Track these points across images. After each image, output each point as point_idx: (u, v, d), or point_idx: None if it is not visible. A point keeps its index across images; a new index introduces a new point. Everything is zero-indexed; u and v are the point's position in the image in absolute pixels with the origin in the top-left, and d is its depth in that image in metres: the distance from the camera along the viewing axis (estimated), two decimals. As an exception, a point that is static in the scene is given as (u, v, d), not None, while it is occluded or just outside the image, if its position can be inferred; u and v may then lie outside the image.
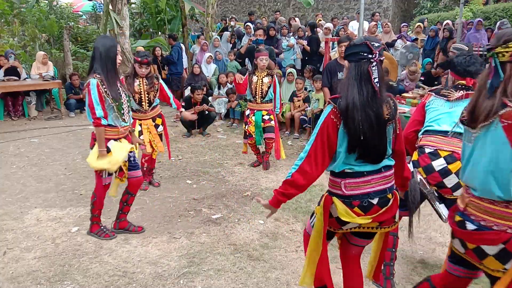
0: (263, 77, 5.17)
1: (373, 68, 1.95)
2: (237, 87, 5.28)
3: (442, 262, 3.25)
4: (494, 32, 8.48)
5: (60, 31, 11.26)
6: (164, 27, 12.32)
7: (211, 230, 3.71)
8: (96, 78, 3.14)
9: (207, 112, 7.17)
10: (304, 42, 8.36)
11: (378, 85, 1.95)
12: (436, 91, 2.91)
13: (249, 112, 5.35)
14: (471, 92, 2.76)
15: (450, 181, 2.68)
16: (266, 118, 5.26)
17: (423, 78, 7.57)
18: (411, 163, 2.85)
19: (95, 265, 3.13)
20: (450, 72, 2.92)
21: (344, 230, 2.20)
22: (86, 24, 15.69)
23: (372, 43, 1.98)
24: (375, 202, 2.05)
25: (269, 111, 5.28)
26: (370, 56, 1.96)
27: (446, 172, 2.69)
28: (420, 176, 2.73)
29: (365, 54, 1.97)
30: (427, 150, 2.75)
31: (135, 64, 4.36)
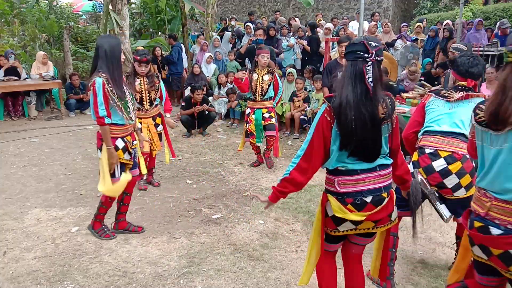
0: (263, 74, 5.16)
1: (368, 67, 1.95)
2: (239, 86, 5.23)
3: (442, 262, 3.26)
4: (494, 32, 8.48)
5: (60, 31, 11.26)
6: (164, 27, 12.30)
7: (211, 230, 3.71)
8: (101, 77, 3.10)
9: (207, 112, 7.17)
10: (304, 42, 8.36)
11: (372, 84, 1.95)
12: (436, 91, 2.92)
13: (249, 110, 5.34)
14: (470, 93, 2.76)
15: (451, 181, 2.68)
16: (267, 115, 5.25)
17: (423, 78, 7.55)
18: (411, 163, 2.85)
19: (95, 265, 3.13)
20: (452, 72, 2.92)
21: (341, 233, 2.18)
22: (86, 24, 15.69)
23: (369, 42, 1.98)
24: (368, 200, 2.06)
25: (269, 108, 5.28)
26: (366, 55, 1.96)
27: (446, 173, 2.69)
28: (421, 177, 2.73)
29: (361, 53, 1.98)
30: (427, 151, 2.76)
31: (134, 63, 4.36)
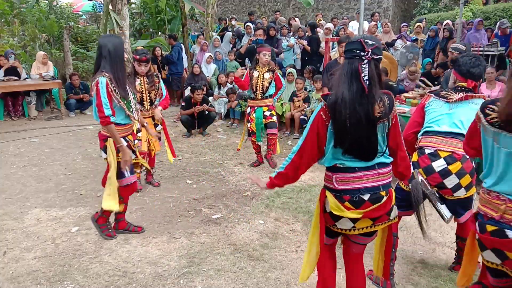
0: (264, 72, 5.14)
1: (363, 65, 1.97)
2: (239, 84, 5.21)
3: (442, 262, 3.26)
4: (494, 32, 8.47)
5: (60, 31, 11.25)
6: (164, 27, 12.30)
7: (211, 230, 3.71)
8: (105, 76, 3.08)
9: (207, 112, 7.17)
10: (305, 42, 8.37)
11: (368, 82, 1.95)
12: (436, 92, 2.92)
13: (250, 109, 5.32)
14: (470, 94, 2.76)
15: (451, 181, 2.69)
16: (268, 114, 5.24)
17: (423, 79, 7.55)
18: (410, 164, 2.85)
19: (95, 265, 3.13)
20: (453, 71, 2.92)
21: (339, 229, 2.20)
22: (86, 24, 15.69)
23: (366, 41, 1.99)
24: (366, 198, 2.07)
25: (269, 106, 5.26)
26: (363, 53, 1.98)
27: (446, 173, 2.69)
28: (421, 177, 2.73)
29: (357, 51, 1.99)
30: (427, 151, 2.76)
31: (134, 63, 4.36)
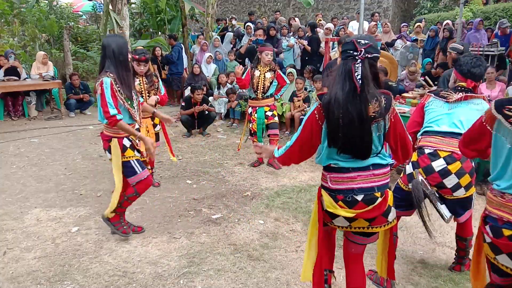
0: (265, 72, 5.13)
1: (356, 65, 1.99)
2: (241, 84, 5.19)
3: (442, 262, 3.26)
4: (494, 32, 8.47)
5: (60, 31, 11.26)
6: (164, 27, 12.30)
7: (211, 230, 3.71)
8: (109, 76, 3.07)
9: (207, 112, 7.17)
10: (305, 42, 8.37)
11: (360, 82, 1.97)
12: (436, 92, 2.92)
13: (251, 109, 5.31)
14: (470, 94, 2.76)
15: (450, 181, 2.69)
16: (269, 114, 5.24)
17: (422, 79, 7.55)
18: (410, 164, 2.85)
19: (95, 265, 3.14)
20: (454, 71, 2.92)
21: (336, 226, 2.24)
22: (86, 24, 15.70)
23: (359, 41, 2.02)
24: (359, 198, 2.09)
25: (271, 106, 5.26)
26: (356, 53, 2.00)
27: (446, 173, 2.69)
28: (421, 177, 2.73)
29: (351, 51, 2.02)
30: (427, 151, 2.76)
31: (133, 62, 4.34)
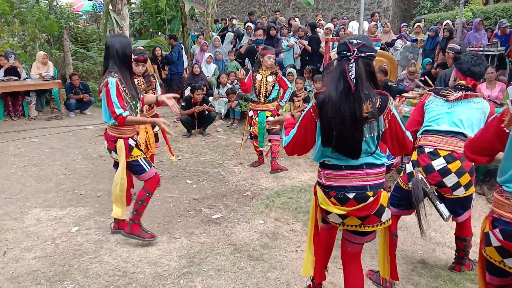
0: (267, 75, 5.08)
1: (350, 65, 2.01)
2: (244, 89, 5.11)
3: (442, 262, 3.26)
4: (494, 32, 8.47)
5: (60, 31, 11.25)
6: (164, 27, 12.31)
7: (211, 230, 3.71)
8: (114, 76, 3.06)
9: (207, 112, 7.18)
10: (305, 42, 8.36)
11: (354, 81, 1.99)
12: (435, 91, 2.92)
13: (252, 113, 5.27)
14: (470, 93, 2.76)
15: (450, 180, 2.69)
16: (271, 119, 5.20)
17: (422, 79, 7.56)
18: (410, 163, 2.85)
19: (95, 265, 3.13)
20: (454, 69, 2.92)
21: (332, 222, 2.29)
22: (86, 24, 15.69)
23: (351, 41, 2.05)
24: (351, 196, 2.12)
25: (272, 111, 5.20)
26: (349, 53, 2.03)
27: (446, 172, 2.69)
28: (421, 176, 2.73)
29: (344, 52, 2.06)
30: (427, 150, 2.76)
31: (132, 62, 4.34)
